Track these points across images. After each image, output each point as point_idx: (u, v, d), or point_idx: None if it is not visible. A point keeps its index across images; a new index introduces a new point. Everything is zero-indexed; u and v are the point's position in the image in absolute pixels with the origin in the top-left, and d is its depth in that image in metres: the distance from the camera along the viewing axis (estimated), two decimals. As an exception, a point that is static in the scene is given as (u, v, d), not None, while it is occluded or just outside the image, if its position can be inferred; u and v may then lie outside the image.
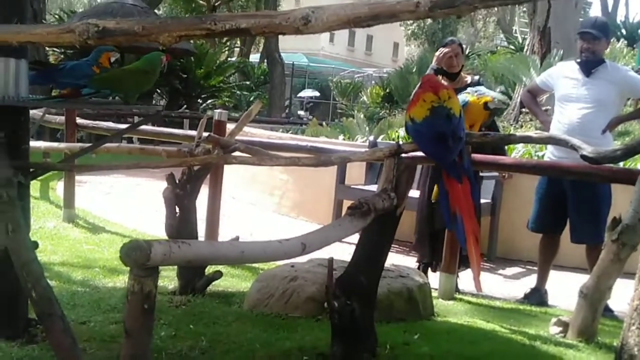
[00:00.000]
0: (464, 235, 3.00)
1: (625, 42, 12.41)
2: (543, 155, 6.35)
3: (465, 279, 5.03)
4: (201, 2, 27.39)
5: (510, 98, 9.36)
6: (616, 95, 4.53)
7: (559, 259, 4.91)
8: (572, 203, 4.51)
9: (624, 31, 16.21)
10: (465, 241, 3.02)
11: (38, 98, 3.25)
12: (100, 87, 3.00)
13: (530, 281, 5.10)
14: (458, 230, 3.03)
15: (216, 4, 26.45)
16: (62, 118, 6.58)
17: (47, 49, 13.15)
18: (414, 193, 5.26)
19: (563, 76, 4.64)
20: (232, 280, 4.55)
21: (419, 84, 3.37)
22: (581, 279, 3.81)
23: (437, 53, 5.00)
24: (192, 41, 14.20)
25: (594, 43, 4.50)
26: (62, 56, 14.83)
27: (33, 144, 3.98)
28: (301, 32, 1.77)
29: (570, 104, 4.49)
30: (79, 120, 6.54)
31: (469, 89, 3.86)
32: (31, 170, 3.06)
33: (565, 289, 4.98)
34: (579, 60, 4.60)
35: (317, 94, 26.78)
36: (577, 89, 4.52)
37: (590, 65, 4.51)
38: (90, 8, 19.88)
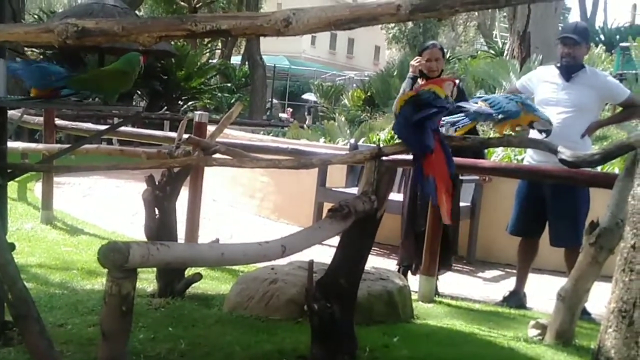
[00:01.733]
0: (435, 192, 2.95)
1: (604, 47, 12.54)
2: (523, 159, 6.41)
3: (445, 282, 5.06)
4: (182, 3, 27.29)
5: (490, 102, 9.41)
6: (595, 100, 4.58)
7: (537, 262, 4.95)
8: (551, 207, 4.55)
9: (602, 37, 16.40)
10: (437, 197, 2.98)
11: (16, 98, 3.21)
12: (79, 87, 2.98)
13: (509, 284, 5.14)
14: (430, 188, 2.97)
15: (197, 5, 26.37)
16: (41, 119, 6.51)
17: (25, 48, 13.02)
18: (395, 196, 5.29)
19: (543, 80, 4.68)
20: (212, 283, 4.53)
21: None
22: (559, 282, 3.85)
23: (412, 62, 5.03)
24: (173, 42, 14.15)
25: (574, 48, 4.54)
26: (41, 56, 14.70)
27: (11, 144, 3.93)
28: (282, 33, 1.76)
29: (550, 107, 4.52)
30: (58, 121, 6.48)
31: (519, 97, 3.80)
32: (9, 171, 3.03)
33: (543, 291, 5.02)
34: (559, 64, 4.64)
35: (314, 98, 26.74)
36: (557, 93, 4.57)
37: (570, 70, 4.56)
38: (71, 8, 19.70)
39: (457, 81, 5.06)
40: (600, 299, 3.79)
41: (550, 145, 3.27)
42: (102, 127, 6.45)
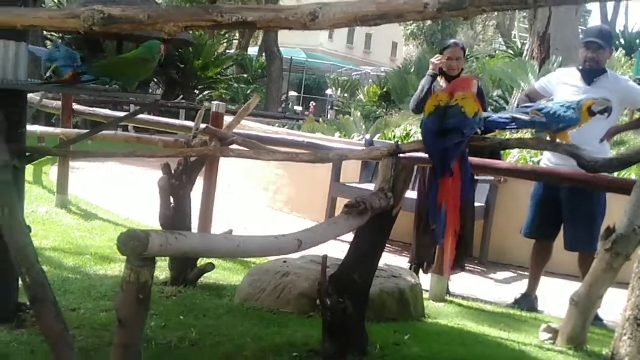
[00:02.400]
0: (444, 229, 2.96)
1: (624, 51, 12.42)
2: (539, 162, 6.37)
3: (456, 282, 5.05)
4: (202, -7, 27.31)
5: (507, 103, 9.36)
6: (616, 105, 4.53)
7: (550, 266, 4.92)
8: (568, 211, 4.52)
9: (622, 41, 16.22)
10: (444, 235, 2.98)
11: (36, 82, 3.23)
12: (100, 74, 2.98)
13: (522, 286, 5.11)
14: (439, 223, 2.99)
15: (217, -4, 26.37)
16: (59, 103, 6.54)
17: (44, 33, 13.10)
18: (410, 194, 5.27)
19: (563, 83, 4.64)
20: (224, 273, 4.54)
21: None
22: (572, 287, 3.82)
23: (432, 59, 5.01)
24: (191, 31, 14.17)
25: (598, 52, 4.50)
26: (59, 41, 14.75)
27: (29, 128, 3.95)
28: (308, 27, 1.76)
29: None
30: (75, 107, 6.51)
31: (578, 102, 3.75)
32: (27, 154, 3.04)
33: (556, 295, 4.99)
34: (581, 68, 4.60)
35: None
36: (578, 96, 4.51)
37: (593, 74, 4.51)
38: (91, -6, 19.78)
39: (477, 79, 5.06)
40: (614, 305, 3.78)
41: (569, 148, 3.25)
42: (120, 114, 6.48)
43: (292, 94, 27.18)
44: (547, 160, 4.74)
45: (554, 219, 4.62)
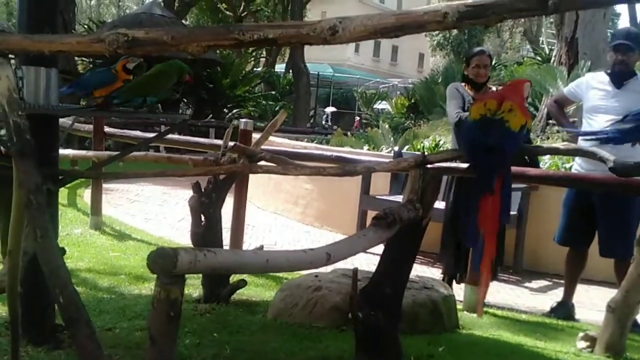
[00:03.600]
0: (481, 257, 2.93)
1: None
2: (570, 167, 6.29)
3: (491, 292, 4.99)
4: (228, 12, 27.63)
5: (537, 109, 9.28)
6: None
7: (586, 272, 4.84)
8: (601, 216, 4.45)
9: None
10: (481, 263, 2.95)
11: (68, 107, 3.30)
12: (128, 97, 3.03)
13: (557, 294, 5.04)
14: (477, 250, 2.96)
15: (243, 14, 26.67)
16: (91, 126, 6.67)
17: (76, 58, 13.36)
18: (439, 204, 5.24)
19: (592, 87, 4.59)
20: (256, 289, 4.56)
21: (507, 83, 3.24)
22: (609, 293, 3.76)
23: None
24: (218, 51, 14.33)
25: (628, 55, 4.45)
26: (90, 65, 15.04)
27: (62, 151, 4.03)
28: (328, 42, 1.77)
29: (600, 115, 4.43)
30: (106, 129, 6.62)
31: None
32: (60, 177, 3.10)
33: (592, 303, 4.91)
34: (609, 71, 4.55)
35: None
36: (607, 100, 4.47)
37: (622, 77, 4.45)
38: (119, 18, 20.16)
39: (495, 88, 5.01)
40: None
41: (599, 153, 3.21)
42: (150, 135, 6.56)
43: (330, 109, 27.19)
44: (578, 166, 4.68)
45: (587, 226, 4.56)
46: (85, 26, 18.66)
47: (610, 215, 4.41)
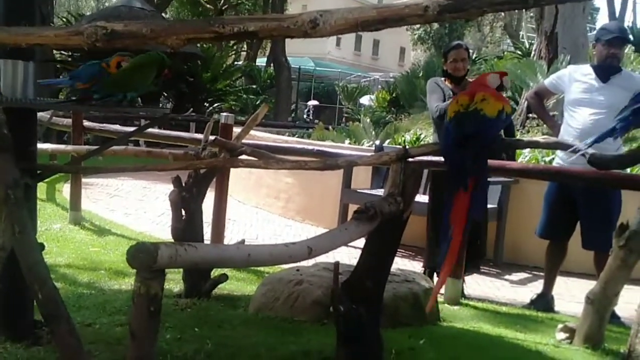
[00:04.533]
0: (447, 250, 2.92)
1: (633, 47, 12.33)
2: (550, 161, 6.34)
3: (471, 285, 5.03)
4: (208, 6, 27.46)
5: (517, 103, 9.33)
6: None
7: (565, 265, 4.89)
8: (583, 209, 4.48)
9: (631, 37, 16.14)
10: (446, 255, 2.94)
11: (46, 100, 3.26)
12: (108, 91, 2.99)
13: (537, 287, 5.09)
14: (444, 244, 2.94)
15: (223, 7, 26.53)
16: (69, 120, 6.60)
17: (54, 51, 13.21)
18: (421, 197, 5.27)
19: (575, 80, 4.58)
20: (238, 284, 4.55)
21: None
22: (588, 285, 3.80)
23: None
24: (199, 45, 14.25)
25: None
26: (69, 59, 14.89)
27: (40, 146, 3.99)
28: (309, 35, 1.76)
29: (582, 108, 4.45)
30: (86, 123, 6.56)
31: None
32: (38, 172, 3.06)
33: (571, 294, 4.96)
34: (595, 64, 4.55)
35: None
36: (591, 93, 4.47)
37: (608, 72, 4.45)
38: (98, 11, 19.97)
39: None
40: (630, 302, 3.75)
41: (579, 147, 3.23)
42: (130, 129, 6.52)
43: (313, 102, 27.06)
44: (559, 159, 4.71)
45: (568, 219, 4.60)
46: (64, 19, 18.45)
47: (591, 208, 4.45)
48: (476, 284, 5.25)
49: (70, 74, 3.11)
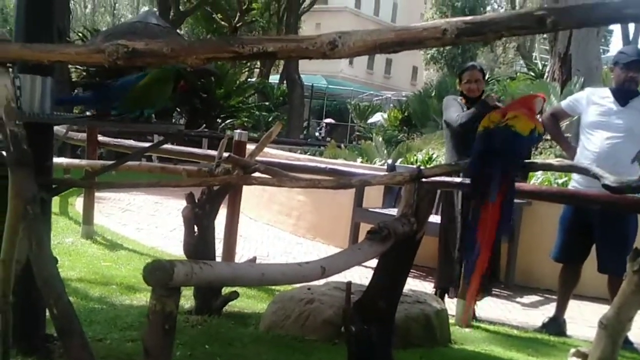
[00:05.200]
0: (473, 268, 2.93)
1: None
2: (563, 183, 6.32)
3: (483, 307, 4.99)
4: (222, 22, 27.69)
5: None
6: None
7: (578, 288, 4.85)
8: (599, 233, 4.44)
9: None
10: (472, 273, 2.95)
11: (63, 115, 3.29)
12: (127, 108, 3.01)
13: (549, 310, 5.05)
14: (470, 260, 2.96)
15: (238, 25, 26.73)
16: (84, 135, 6.65)
17: (69, 67, 13.33)
18: (434, 218, 5.25)
19: (593, 102, 4.55)
20: (249, 301, 4.54)
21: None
22: (601, 309, 3.75)
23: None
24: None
25: (639, 72, 4.44)
26: (84, 74, 15.01)
27: (55, 160, 4.02)
28: (328, 57, 1.78)
29: (600, 131, 4.41)
30: (100, 138, 6.61)
31: None
32: (54, 186, 3.09)
33: (584, 318, 4.92)
34: (614, 88, 4.53)
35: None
36: (609, 117, 4.44)
37: (627, 95, 4.43)
38: (114, 27, 20.12)
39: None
40: (644, 328, 3.71)
41: (593, 169, 3.22)
42: (144, 144, 6.55)
43: (328, 120, 27.16)
44: (575, 182, 4.67)
45: (583, 242, 4.55)
46: (80, 34, 18.64)
47: (607, 232, 4.41)
48: (488, 307, 5.22)
49: (102, 89, 3.13)
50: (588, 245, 4.54)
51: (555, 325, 4.68)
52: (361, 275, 5.04)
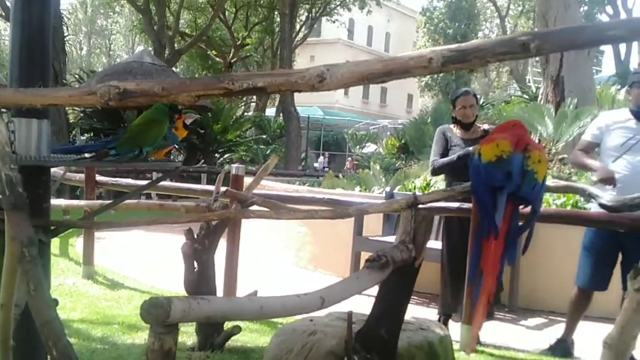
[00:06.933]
0: (478, 295, 2.94)
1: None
2: (562, 204, 6.32)
3: (487, 331, 4.96)
4: (217, 59, 27.94)
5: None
6: None
7: (592, 311, 4.76)
8: (632, 254, 4.27)
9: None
10: (477, 301, 2.96)
11: (60, 157, 3.30)
12: (126, 148, 3.03)
13: (554, 332, 5.02)
14: (476, 288, 2.96)
15: (232, 60, 26.98)
16: (82, 175, 6.67)
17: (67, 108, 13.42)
18: (434, 244, 5.25)
19: (613, 126, 4.52)
20: (251, 335, 4.52)
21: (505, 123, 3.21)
22: (608, 329, 3.74)
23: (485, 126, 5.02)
24: (209, 97, 14.43)
25: None
26: (81, 114, 15.11)
27: (53, 201, 4.03)
28: (317, 89, 1.80)
29: (628, 154, 4.36)
30: (98, 178, 6.63)
31: None
32: (52, 228, 3.09)
33: (591, 339, 4.87)
34: (634, 108, 4.48)
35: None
36: (634, 138, 4.40)
37: None
38: (110, 67, 20.31)
39: (486, 126, 5.05)
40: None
41: (589, 189, 3.25)
42: (142, 182, 6.57)
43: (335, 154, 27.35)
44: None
45: (612, 267, 4.46)
46: (76, 76, 18.81)
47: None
48: (492, 331, 5.19)
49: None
50: (613, 268, 4.47)
51: (563, 347, 4.64)
52: (363, 304, 5.02)
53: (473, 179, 2.95)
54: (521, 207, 2.95)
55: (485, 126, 5.08)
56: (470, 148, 4.75)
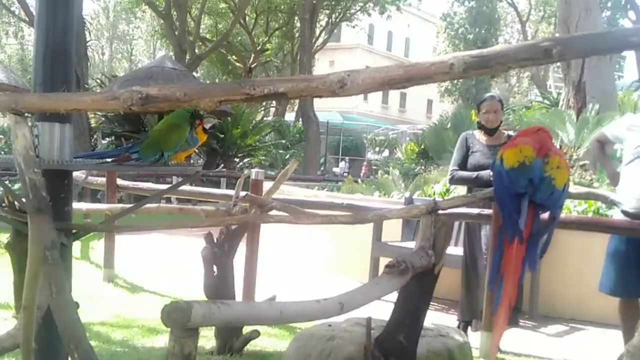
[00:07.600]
0: (499, 299, 2.92)
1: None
2: (584, 211, 6.26)
3: (507, 338, 4.92)
4: (237, 64, 28.07)
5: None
6: None
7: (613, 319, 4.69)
8: None
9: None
10: (499, 305, 2.94)
11: (82, 161, 3.34)
12: (147, 152, 3.06)
13: (574, 339, 4.97)
14: (497, 292, 2.96)
15: (252, 65, 27.10)
16: (103, 179, 6.73)
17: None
18: (453, 250, 5.23)
19: (634, 128, 4.33)
20: (270, 340, 4.53)
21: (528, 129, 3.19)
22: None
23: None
24: (229, 102, 14.51)
25: None
26: (102, 118, 15.26)
27: (75, 205, 4.07)
28: (337, 94, 1.80)
29: None
30: (119, 181, 6.68)
31: None
32: (74, 231, 3.12)
33: (614, 346, 4.82)
34: None
35: None
36: None
37: None
38: (131, 72, 20.50)
39: (512, 132, 5.02)
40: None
41: (611, 196, 3.22)
42: (162, 186, 6.62)
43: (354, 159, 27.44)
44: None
45: (638, 274, 4.41)
46: (98, 80, 19.00)
47: None
48: (512, 338, 5.14)
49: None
50: None
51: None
52: (382, 309, 5.01)
53: (496, 184, 2.94)
54: (541, 213, 2.93)
55: (511, 132, 5.06)
56: (489, 172, 4.72)
